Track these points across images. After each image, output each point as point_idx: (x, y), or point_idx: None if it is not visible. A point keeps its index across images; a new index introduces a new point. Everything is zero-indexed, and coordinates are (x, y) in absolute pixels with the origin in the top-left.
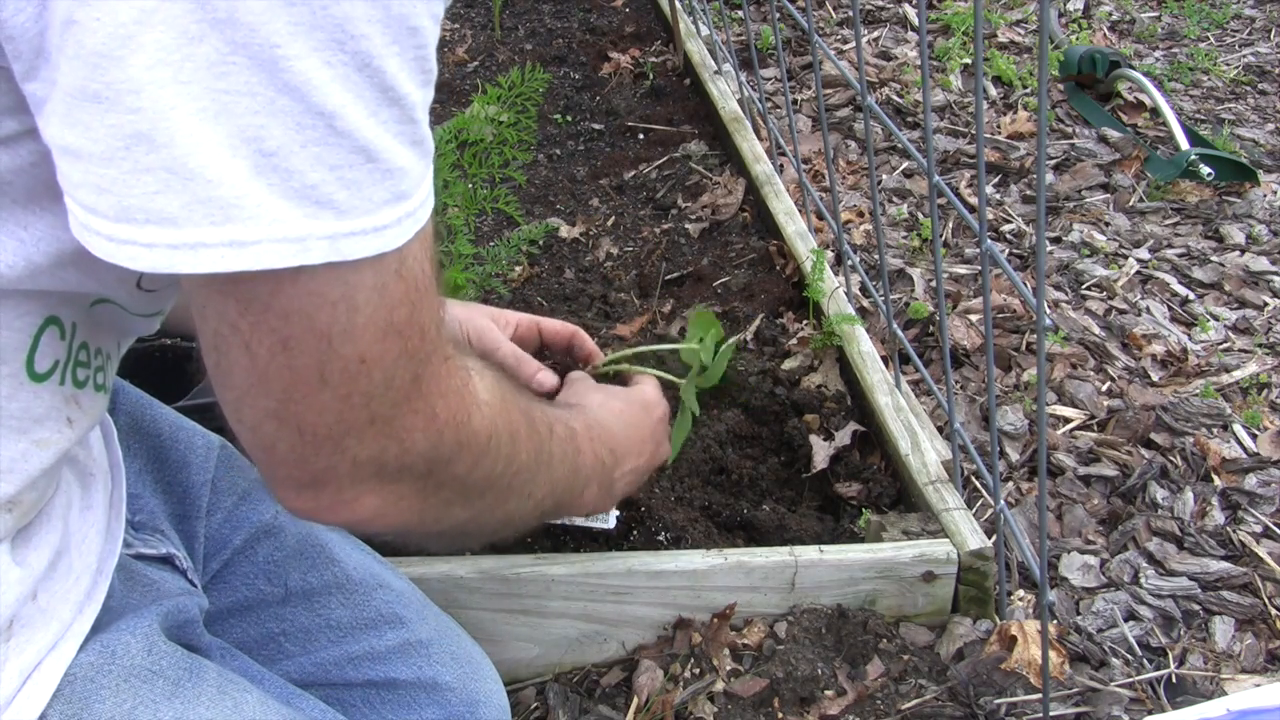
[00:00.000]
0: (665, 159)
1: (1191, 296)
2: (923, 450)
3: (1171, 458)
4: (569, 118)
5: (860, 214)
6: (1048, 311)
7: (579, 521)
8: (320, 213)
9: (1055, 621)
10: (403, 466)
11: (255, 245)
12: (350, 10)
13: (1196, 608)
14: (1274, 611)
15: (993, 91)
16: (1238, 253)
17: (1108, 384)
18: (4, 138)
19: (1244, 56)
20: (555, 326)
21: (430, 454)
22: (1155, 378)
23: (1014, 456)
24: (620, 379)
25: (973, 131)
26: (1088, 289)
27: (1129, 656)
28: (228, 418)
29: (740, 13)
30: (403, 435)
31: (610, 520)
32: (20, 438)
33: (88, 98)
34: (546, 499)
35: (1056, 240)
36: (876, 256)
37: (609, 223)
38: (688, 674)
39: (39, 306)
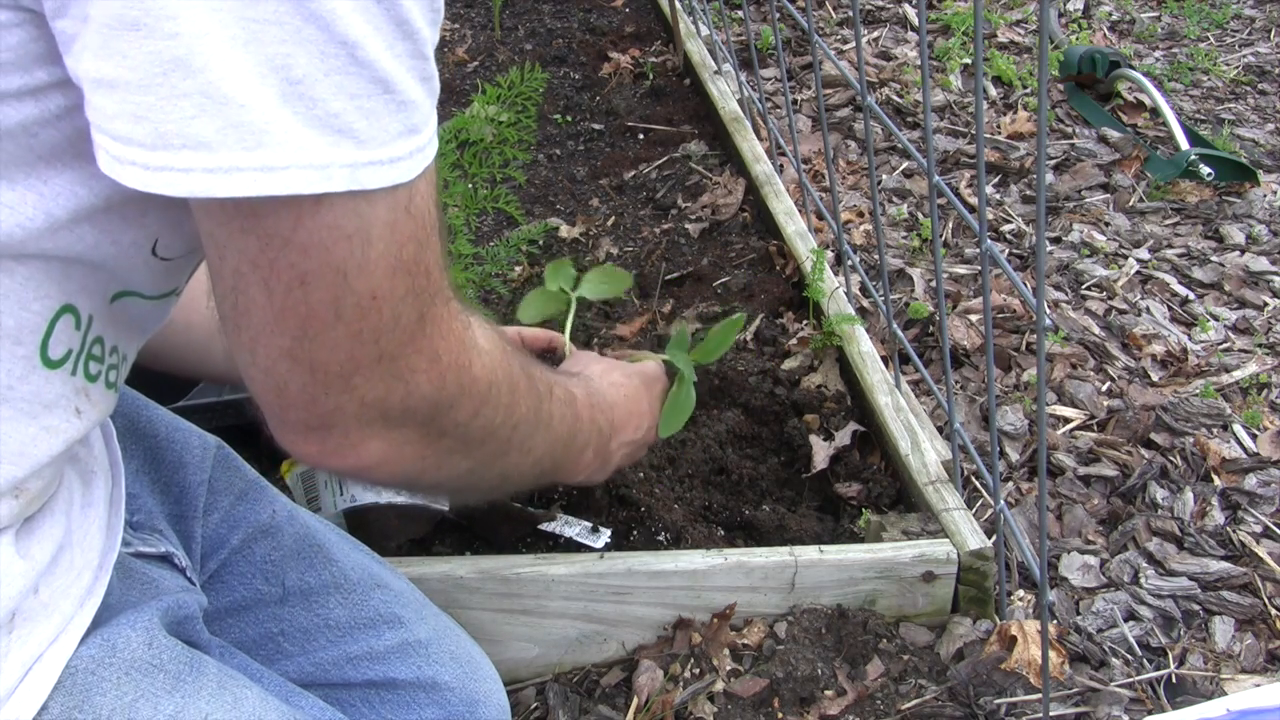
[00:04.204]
0: (665, 159)
1: (1191, 296)
2: (923, 450)
3: (1171, 458)
4: (569, 118)
5: (860, 214)
6: (1048, 311)
7: (570, 534)
8: (341, 141)
9: (1055, 621)
10: (406, 409)
11: (284, 171)
12: None
13: (1196, 608)
14: (1274, 611)
15: (993, 91)
16: (1238, 253)
17: (1108, 384)
18: (34, 89)
19: (1244, 56)
20: (535, 332)
21: (433, 397)
22: (1155, 378)
23: (1014, 456)
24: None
25: (973, 131)
26: (1088, 289)
27: (1129, 656)
28: (241, 365)
29: (740, 13)
30: (407, 375)
31: (599, 542)
32: (30, 422)
33: (126, 25)
34: (545, 459)
35: (1056, 240)
36: (876, 256)
37: (609, 223)
38: (688, 674)
39: (57, 290)
